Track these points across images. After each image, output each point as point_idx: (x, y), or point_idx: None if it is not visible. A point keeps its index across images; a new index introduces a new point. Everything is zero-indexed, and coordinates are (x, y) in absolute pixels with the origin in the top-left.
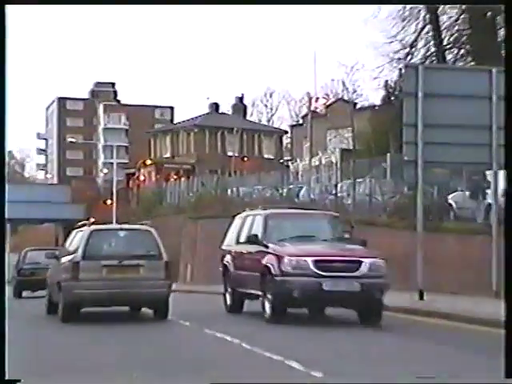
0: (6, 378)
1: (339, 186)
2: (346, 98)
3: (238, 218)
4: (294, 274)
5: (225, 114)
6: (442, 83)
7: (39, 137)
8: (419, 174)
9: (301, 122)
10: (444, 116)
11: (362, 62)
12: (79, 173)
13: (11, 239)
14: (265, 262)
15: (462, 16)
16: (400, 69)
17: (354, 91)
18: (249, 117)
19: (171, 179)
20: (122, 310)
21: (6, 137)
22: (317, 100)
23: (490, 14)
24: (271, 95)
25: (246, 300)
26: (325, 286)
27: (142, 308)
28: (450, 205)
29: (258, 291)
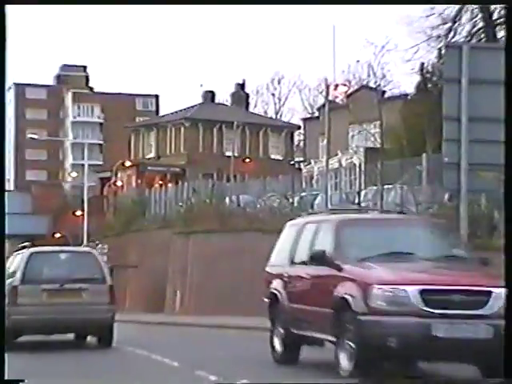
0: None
1: (363, 193)
2: (372, 84)
3: (292, 227)
4: (388, 311)
5: (222, 104)
6: (491, 66)
7: None
8: (463, 179)
9: (316, 114)
10: (494, 107)
11: (392, 41)
12: (42, 177)
13: None
14: (340, 292)
15: None
16: (439, 49)
17: (383, 76)
18: (252, 108)
19: (156, 185)
20: (65, 339)
21: (5, 137)
22: (336, 87)
23: None
24: (280, 81)
25: (305, 345)
26: (437, 331)
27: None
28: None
29: (329, 336)
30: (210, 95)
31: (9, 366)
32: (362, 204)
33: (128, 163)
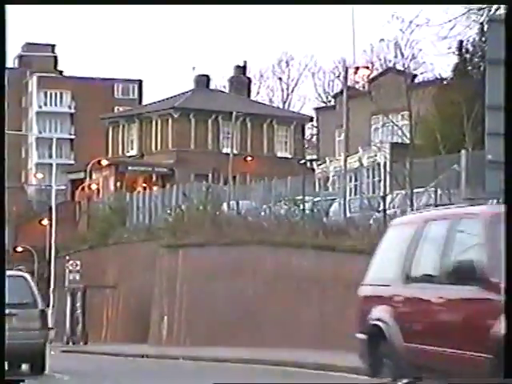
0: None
1: (389, 198)
2: (399, 67)
3: (402, 227)
4: None
5: (219, 91)
6: None
7: None
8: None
9: (332, 103)
10: None
11: (423, 15)
12: None
13: None
14: (503, 328)
15: None
16: (481, 23)
17: (413, 57)
18: (254, 96)
19: (139, 188)
20: None
21: (5, 138)
22: (356, 71)
23: None
24: (288, 64)
25: None
26: None
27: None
28: None
29: None
30: (204, 80)
31: None
32: (388, 211)
33: (105, 162)
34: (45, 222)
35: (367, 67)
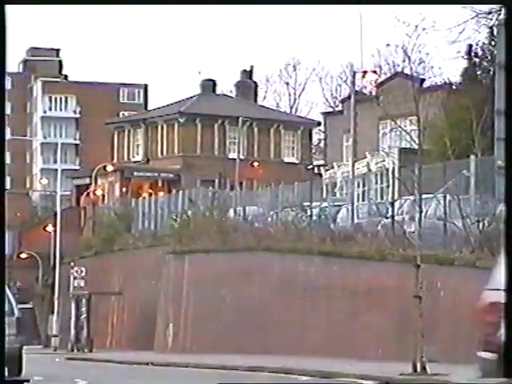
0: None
1: (397, 204)
2: (407, 71)
3: None
4: None
5: (225, 95)
6: None
7: None
8: None
9: (339, 107)
10: None
11: (432, 19)
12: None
13: None
14: None
15: None
16: (491, 27)
17: (421, 62)
18: (261, 100)
19: (144, 194)
20: None
21: (5, 139)
22: (364, 75)
23: None
24: (295, 68)
25: None
26: None
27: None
28: None
29: None
30: (211, 85)
31: None
32: (397, 217)
33: (110, 168)
34: (49, 228)
35: (375, 72)
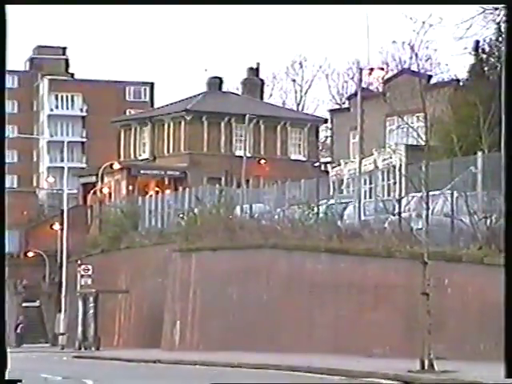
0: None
1: (404, 201)
2: (414, 68)
3: None
4: None
5: (232, 93)
6: None
7: None
8: None
9: (346, 104)
10: None
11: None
12: (12, 183)
13: None
14: None
15: None
16: (498, 23)
17: (428, 58)
18: (267, 98)
19: (151, 192)
20: None
21: (5, 138)
22: (371, 72)
23: None
24: (302, 65)
25: None
26: None
27: None
28: None
29: None
30: (217, 82)
31: None
32: (404, 214)
33: (117, 166)
34: (56, 227)
35: (382, 68)
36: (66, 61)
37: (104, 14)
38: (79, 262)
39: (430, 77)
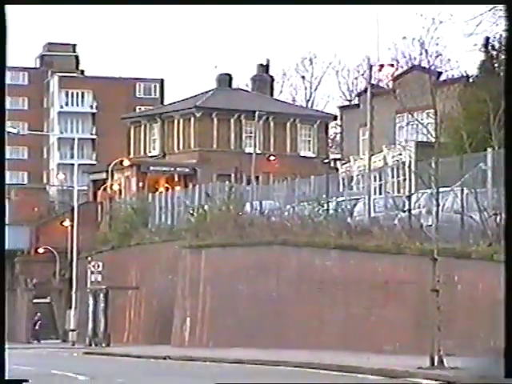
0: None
1: (414, 198)
2: (424, 65)
3: None
4: None
5: (241, 90)
6: None
7: None
8: None
9: (356, 101)
10: None
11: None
12: (22, 179)
13: None
14: None
15: None
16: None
17: (438, 55)
18: (277, 94)
19: (161, 189)
20: None
21: (5, 136)
22: (381, 68)
23: None
24: (311, 62)
25: None
26: None
27: None
28: None
29: None
30: (227, 79)
31: None
32: (413, 211)
33: (126, 162)
34: (67, 223)
35: (392, 65)
36: (76, 58)
37: (114, 11)
38: (89, 258)
39: (440, 73)
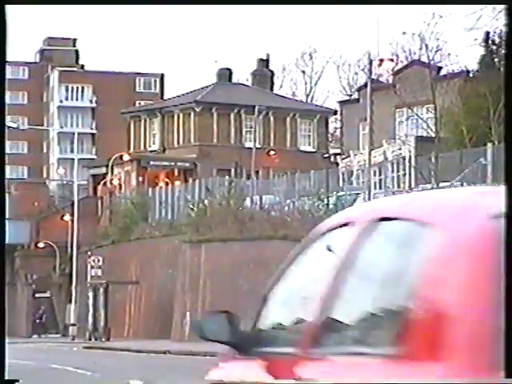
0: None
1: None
2: (424, 59)
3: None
4: None
5: (241, 84)
6: None
7: None
8: None
9: (356, 96)
10: None
11: (448, 7)
12: (22, 174)
13: None
14: None
15: None
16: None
17: (438, 50)
18: (277, 89)
19: (161, 183)
20: None
21: (5, 130)
22: (381, 63)
23: None
24: (312, 56)
25: None
26: None
27: None
28: None
29: None
30: (227, 73)
31: None
32: None
33: (126, 157)
34: (67, 218)
35: (392, 60)
36: (76, 52)
37: (115, 6)
38: (89, 253)
39: (440, 68)
